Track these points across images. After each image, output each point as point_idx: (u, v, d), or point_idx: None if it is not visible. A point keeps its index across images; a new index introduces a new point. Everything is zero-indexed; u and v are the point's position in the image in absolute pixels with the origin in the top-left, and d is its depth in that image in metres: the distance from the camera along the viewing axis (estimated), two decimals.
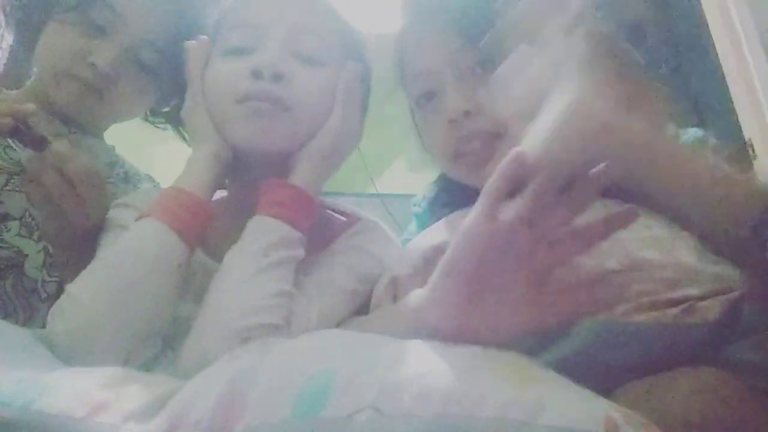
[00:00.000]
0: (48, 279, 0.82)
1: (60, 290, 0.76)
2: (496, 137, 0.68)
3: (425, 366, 0.40)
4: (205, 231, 0.66)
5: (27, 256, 0.81)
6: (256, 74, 0.66)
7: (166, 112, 1.01)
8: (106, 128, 0.98)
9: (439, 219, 0.71)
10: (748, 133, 1.38)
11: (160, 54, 0.87)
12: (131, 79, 0.87)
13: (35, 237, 0.81)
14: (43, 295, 0.81)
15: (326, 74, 0.70)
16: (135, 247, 0.62)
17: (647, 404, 0.36)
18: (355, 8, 0.74)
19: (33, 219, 0.80)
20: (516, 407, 0.35)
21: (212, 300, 0.60)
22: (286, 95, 0.66)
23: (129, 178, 0.96)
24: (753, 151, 1.35)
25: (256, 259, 0.61)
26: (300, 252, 0.65)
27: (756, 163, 1.35)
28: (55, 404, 0.41)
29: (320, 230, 0.70)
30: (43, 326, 0.61)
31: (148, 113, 1.01)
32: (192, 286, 0.66)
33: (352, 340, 0.45)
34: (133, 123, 1.04)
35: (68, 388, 0.43)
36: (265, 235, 0.63)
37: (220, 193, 0.77)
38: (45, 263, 0.81)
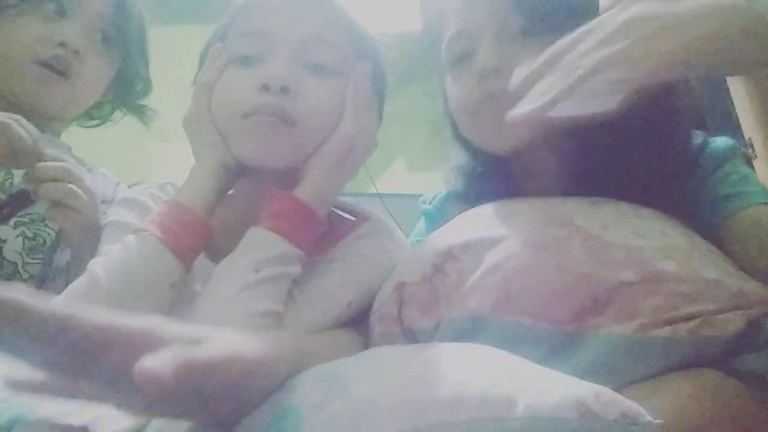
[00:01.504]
0: (29, 260, 0.85)
1: (44, 271, 0.82)
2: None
3: (394, 379, 0.39)
4: (202, 248, 0.64)
5: (5, 241, 0.84)
6: (264, 88, 0.64)
7: (125, 99, 1.03)
8: (64, 128, 1.00)
9: (450, 218, 0.68)
10: (748, 133, 1.38)
11: (116, 27, 0.91)
12: (95, 55, 0.91)
13: (12, 224, 0.84)
14: (25, 276, 0.84)
15: (338, 84, 0.68)
16: (127, 264, 0.58)
17: (647, 405, 0.36)
18: (357, 8, 0.73)
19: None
20: (489, 404, 0.35)
21: (194, 317, 0.57)
22: (293, 108, 0.64)
23: (95, 175, 0.98)
24: (753, 150, 1.35)
25: (244, 275, 0.58)
26: (297, 269, 0.61)
27: (756, 163, 1.35)
28: (35, 427, 0.42)
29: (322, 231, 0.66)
30: None
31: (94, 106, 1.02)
32: (189, 289, 0.64)
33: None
34: (133, 123, 1.04)
35: (48, 410, 0.43)
36: (259, 248, 0.60)
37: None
38: (24, 246, 0.85)
